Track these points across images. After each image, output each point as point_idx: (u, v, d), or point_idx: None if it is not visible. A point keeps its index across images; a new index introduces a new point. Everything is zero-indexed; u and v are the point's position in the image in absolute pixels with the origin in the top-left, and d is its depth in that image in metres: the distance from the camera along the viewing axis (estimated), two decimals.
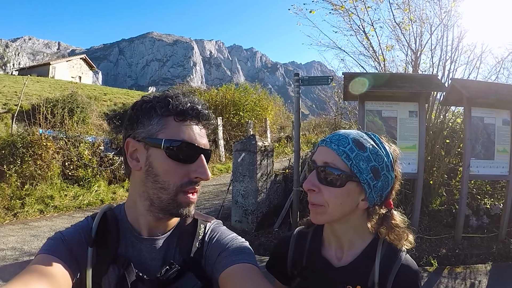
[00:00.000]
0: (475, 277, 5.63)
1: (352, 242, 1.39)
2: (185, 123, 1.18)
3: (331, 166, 1.26)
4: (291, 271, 1.50)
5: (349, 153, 1.25)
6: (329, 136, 1.35)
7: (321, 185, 1.28)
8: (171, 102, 1.18)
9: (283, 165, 12.83)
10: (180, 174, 1.16)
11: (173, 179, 1.15)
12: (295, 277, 1.47)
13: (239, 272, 1.12)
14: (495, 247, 6.36)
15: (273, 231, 7.44)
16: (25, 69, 47.37)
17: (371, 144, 1.31)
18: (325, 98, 13.79)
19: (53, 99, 16.70)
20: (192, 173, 1.17)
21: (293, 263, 1.50)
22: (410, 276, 1.32)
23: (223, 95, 21.31)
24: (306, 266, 1.45)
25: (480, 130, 6.58)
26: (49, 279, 0.98)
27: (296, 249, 1.51)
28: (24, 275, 0.96)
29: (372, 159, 1.28)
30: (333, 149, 1.27)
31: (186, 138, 1.16)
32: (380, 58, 9.18)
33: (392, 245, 1.35)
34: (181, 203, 1.17)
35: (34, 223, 8.61)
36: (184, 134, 1.16)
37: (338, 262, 1.39)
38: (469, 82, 7.25)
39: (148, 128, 1.17)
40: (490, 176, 6.79)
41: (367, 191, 1.28)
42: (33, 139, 10.42)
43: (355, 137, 1.30)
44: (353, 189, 1.27)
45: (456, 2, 8.13)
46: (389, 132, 6.41)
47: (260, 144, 7.65)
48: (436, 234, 6.77)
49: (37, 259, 1.06)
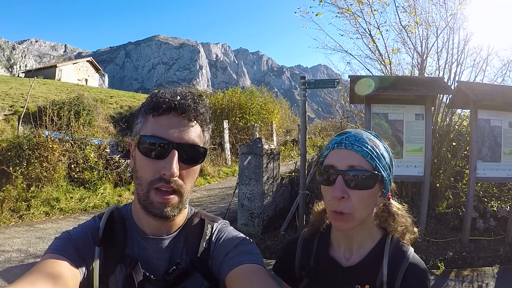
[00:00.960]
0: (482, 280, 5.61)
1: (362, 242, 1.38)
2: (160, 117, 1.15)
3: (358, 168, 1.25)
4: (299, 272, 1.49)
5: (372, 153, 1.26)
6: (342, 137, 1.32)
7: (349, 190, 1.25)
8: (149, 99, 1.19)
9: (289, 168, 12.82)
10: (151, 170, 1.14)
11: (145, 175, 1.15)
12: (303, 278, 1.46)
13: (246, 272, 1.12)
14: (502, 250, 6.33)
15: (279, 234, 7.43)
16: (32, 71, 47.53)
17: (379, 141, 1.34)
18: (331, 102, 13.80)
19: (59, 101, 16.73)
20: (162, 169, 1.12)
21: (301, 265, 1.49)
22: (419, 274, 1.30)
23: (229, 99, 21.31)
24: (314, 267, 1.44)
25: (486, 133, 6.55)
26: (56, 278, 0.98)
27: (304, 250, 1.51)
28: (31, 275, 0.97)
29: (386, 155, 1.32)
30: (357, 151, 1.26)
31: (156, 133, 1.13)
32: (386, 61, 9.18)
33: (399, 244, 1.36)
34: (152, 201, 1.14)
35: (39, 225, 8.63)
36: (156, 129, 1.14)
37: (347, 262, 1.38)
38: (475, 84, 7.23)
39: (136, 127, 1.20)
40: (496, 178, 6.76)
41: (387, 187, 1.33)
42: (39, 141, 10.44)
43: (368, 136, 1.32)
44: (378, 188, 1.30)
45: (462, 5, 8.12)
46: (395, 135, 6.40)
47: (266, 147, 7.65)
48: (443, 237, 6.75)
49: (44, 258, 1.07)
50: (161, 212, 1.15)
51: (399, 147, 6.39)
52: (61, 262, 1.06)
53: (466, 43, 8.34)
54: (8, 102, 20.14)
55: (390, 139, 6.34)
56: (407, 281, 1.28)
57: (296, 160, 13.24)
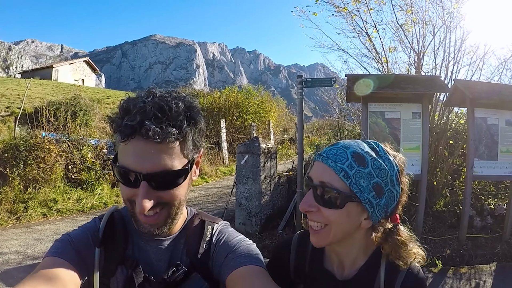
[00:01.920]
0: (480, 277, 5.63)
1: (354, 260, 1.31)
2: (126, 144, 1.03)
3: (328, 185, 1.15)
4: (294, 277, 1.44)
5: (347, 171, 1.14)
6: (326, 149, 1.22)
7: (319, 205, 1.17)
8: (111, 119, 1.08)
9: (286, 167, 12.82)
10: (128, 195, 1.09)
11: (124, 197, 1.12)
12: (298, 283, 1.42)
13: (247, 274, 1.12)
14: (499, 247, 6.36)
15: (277, 233, 7.43)
16: (28, 72, 47.44)
17: (373, 157, 1.18)
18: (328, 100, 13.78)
19: (56, 102, 16.68)
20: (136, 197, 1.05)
21: (295, 269, 1.44)
22: (416, 283, 1.26)
23: (226, 98, 21.31)
24: (309, 275, 1.39)
25: (483, 131, 6.57)
26: (56, 281, 0.98)
27: (298, 255, 1.45)
28: (32, 278, 0.97)
29: (375, 175, 1.16)
30: (330, 166, 1.16)
31: (124, 162, 1.05)
32: (383, 59, 9.20)
33: None
34: (139, 221, 1.12)
35: (37, 226, 8.61)
36: (123, 159, 1.06)
37: (341, 275, 1.33)
38: (472, 83, 7.24)
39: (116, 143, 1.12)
40: (493, 176, 6.78)
41: (369, 211, 1.17)
42: (36, 142, 10.42)
43: (355, 150, 1.18)
44: (353, 210, 1.17)
45: (458, 3, 8.15)
46: (392, 133, 6.41)
47: (263, 146, 7.65)
48: (440, 235, 6.77)
49: (45, 261, 1.07)
50: (151, 232, 1.13)
51: (396, 145, 6.39)
52: (61, 264, 1.06)
53: (463, 42, 8.38)
54: (5, 103, 20.09)
55: (387, 137, 6.36)
56: None
57: (293, 159, 13.21)
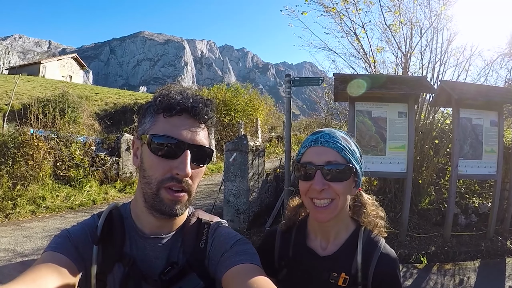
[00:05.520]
0: (464, 273, 5.73)
1: (337, 233, 1.53)
2: (172, 118, 1.18)
3: (335, 163, 1.39)
4: (278, 263, 1.58)
5: (346, 149, 1.41)
6: (317, 136, 1.47)
7: (329, 182, 1.38)
8: (161, 99, 1.20)
9: (274, 164, 12.88)
10: (162, 170, 1.16)
11: (155, 174, 1.16)
12: (282, 268, 1.55)
13: (242, 272, 1.13)
14: (483, 245, 6.47)
15: (264, 230, 7.43)
16: (16, 68, 46.92)
17: (349, 138, 1.50)
18: (316, 99, 13.86)
19: (44, 98, 16.57)
20: (174, 169, 1.15)
21: (280, 255, 1.60)
22: (390, 263, 1.45)
23: (214, 95, 21.25)
24: (293, 258, 1.55)
25: (468, 131, 6.67)
26: (55, 275, 1.01)
27: (283, 242, 1.62)
28: (31, 272, 0.99)
29: (356, 151, 1.47)
30: (332, 147, 1.40)
31: (169, 133, 1.16)
32: (371, 59, 9.25)
33: (371, 235, 1.51)
34: (163, 199, 1.16)
35: (26, 224, 8.56)
36: (168, 129, 1.16)
37: (323, 251, 1.52)
38: (458, 84, 7.33)
39: (143, 126, 1.22)
40: (478, 175, 6.90)
41: (359, 179, 1.49)
42: (24, 139, 10.35)
43: (340, 133, 1.48)
44: (351, 180, 1.44)
45: (446, 5, 8.22)
46: (378, 132, 6.48)
47: (251, 144, 7.68)
48: (426, 232, 6.88)
49: (44, 256, 1.09)
50: (171, 209, 1.18)
51: (382, 144, 6.47)
52: (60, 259, 1.08)
53: (449, 43, 8.46)
54: None
55: (374, 136, 6.44)
56: (380, 269, 1.42)
57: (281, 157, 13.27)
